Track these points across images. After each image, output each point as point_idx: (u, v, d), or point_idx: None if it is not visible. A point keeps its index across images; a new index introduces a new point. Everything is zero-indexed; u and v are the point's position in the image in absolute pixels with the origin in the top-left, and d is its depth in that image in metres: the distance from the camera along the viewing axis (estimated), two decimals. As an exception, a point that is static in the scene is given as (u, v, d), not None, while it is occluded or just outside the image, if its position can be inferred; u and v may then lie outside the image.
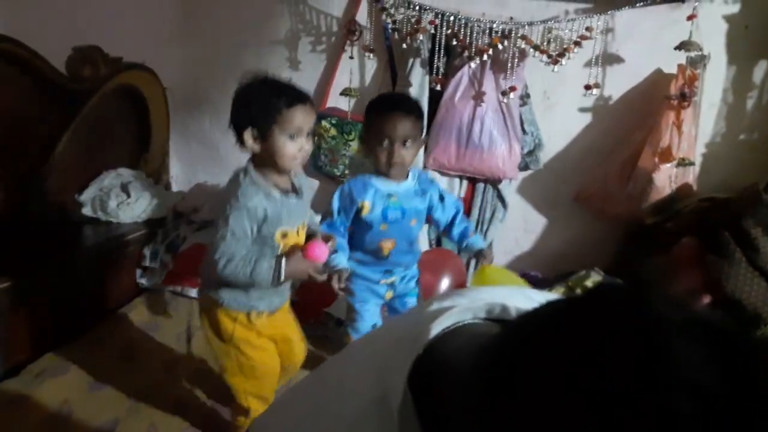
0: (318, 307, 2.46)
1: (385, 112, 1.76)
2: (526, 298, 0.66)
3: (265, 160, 1.56)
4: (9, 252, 2.07)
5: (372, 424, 0.58)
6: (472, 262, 2.86)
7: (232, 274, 1.51)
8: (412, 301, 2.05)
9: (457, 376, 0.54)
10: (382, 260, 1.92)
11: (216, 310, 1.67)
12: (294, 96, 1.53)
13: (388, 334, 0.73)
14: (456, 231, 1.99)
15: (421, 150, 2.67)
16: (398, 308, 2.06)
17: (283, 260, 1.55)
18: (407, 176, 1.88)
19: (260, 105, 1.51)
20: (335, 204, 1.84)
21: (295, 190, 1.65)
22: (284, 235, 1.61)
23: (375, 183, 1.83)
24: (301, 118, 1.52)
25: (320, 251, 1.62)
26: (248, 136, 1.53)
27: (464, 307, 0.64)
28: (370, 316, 1.99)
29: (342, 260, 1.84)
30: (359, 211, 1.81)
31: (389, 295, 2.01)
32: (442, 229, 2.03)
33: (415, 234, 1.95)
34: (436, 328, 0.61)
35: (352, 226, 1.88)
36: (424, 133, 1.94)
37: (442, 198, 1.97)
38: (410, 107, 1.81)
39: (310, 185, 1.74)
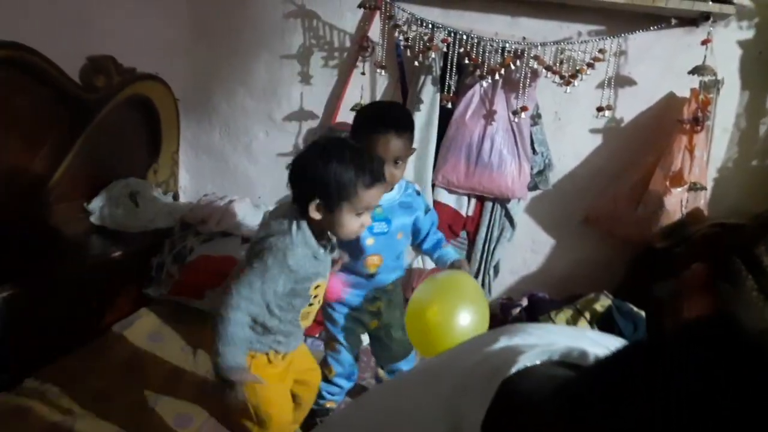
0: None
1: (379, 133, 1.65)
2: (593, 343, 0.63)
3: (322, 226, 1.48)
4: (16, 259, 2.08)
5: None
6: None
7: (235, 324, 1.43)
8: (398, 334, 1.97)
9: (540, 419, 0.51)
10: (370, 280, 1.85)
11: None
12: (374, 176, 1.44)
13: (453, 367, 0.68)
14: (428, 243, 1.90)
15: (430, 166, 2.67)
16: (382, 338, 1.99)
17: (244, 371, 1.48)
18: (391, 188, 1.78)
19: (336, 181, 1.41)
20: None
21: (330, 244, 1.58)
22: (318, 288, 1.57)
23: None
24: (375, 196, 1.46)
25: (338, 288, 1.69)
26: (313, 207, 1.43)
27: (542, 350, 0.60)
28: (352, 345, 1.94)
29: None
30: None
31: (374, 324, 1.95)
32: (416, 242, 1.93)
33: (401, 248, 1.88)
34: (514, 368, 0.58)
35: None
36: (413, 144, 1.82)
37: (427, 210, 1.90)
38: (404, 125, 1.71)
39: None
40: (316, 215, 1.44)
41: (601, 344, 0.62)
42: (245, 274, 1.43)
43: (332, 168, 1.41)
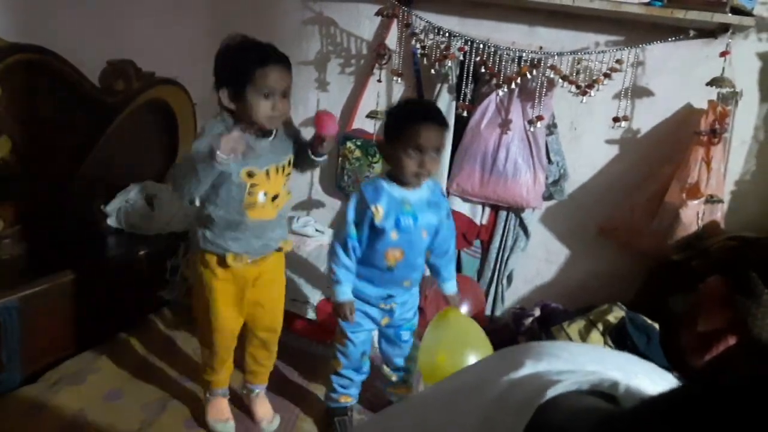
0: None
1: (420, 121, 1.71)
2: (618, 367, 0.60)
3: (242, 119, 1.62)
4: (33, 259, 2.10)
5: None
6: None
7: (181, 175, 1.59)
8: (406, 335, 2.01)
9: None
10: (387, 274, 1.84)
11: (195, 254, 1.78)
12: (267, 55, 1.59)
13: (477, 396, 0.65)
14: (436, 254, 1.96)
15: (445, 174, 2.67)
16: (392, 337, 2.01)
17: (222, 137, 1.56)
18: (420, 185, 1.81)
19: (235, 65, 1.57)
20: (350, 214, 1.79)
21: (268, 135, 1.70)
22: (250, 175, 1.66)
23: (387, 188, 1.77)
24: (275, 77, 1.58)
25: (333, 126, 1.71)
26: (224, 95, 1.60)
27: (575, 380, 0.57)
28: (361, 342, 1.95)
29: (348, 293, 1.82)
30: (372, 218, 1.75)
31: (385, 320, 1.95)
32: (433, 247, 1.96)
33: (424, 247, 1.89)
34: (540, 398, 0.55)
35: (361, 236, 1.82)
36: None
37: (447, 216, 1.93)
38: (442, 118, 1.79)
39: (291, 132, 1.80)
40: (229, 104, 1.61)
41: (627, 370, 0.60)
42: (176, 164, 1.64)
43: (229, 55, 1.61)
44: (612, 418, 0.49)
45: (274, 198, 1.75)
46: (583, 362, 0.61)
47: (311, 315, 2.46)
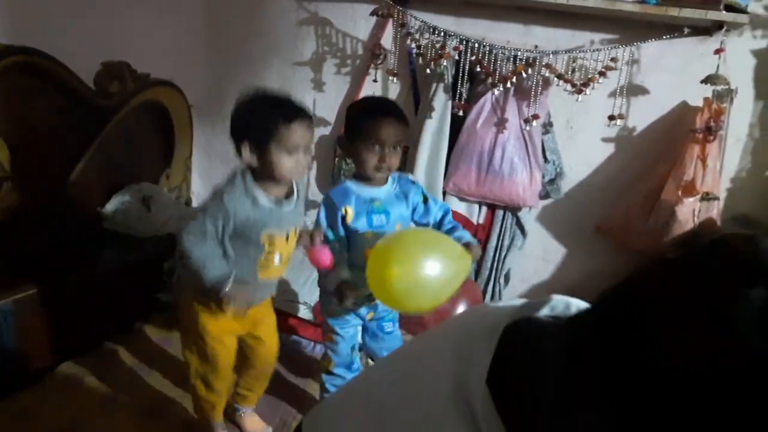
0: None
1: (378, 116, 1.72)
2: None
3: (263, 172, 1.57)
4: (30, 261, 2.10)
5: (450, 414, 0.58)
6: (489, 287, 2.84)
7: (191, 245, 1.54)
8: (389, 326, 2.01)
9: (542, 359, 0.55)
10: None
11: (190, 292, 1.69)
12: (292, 112, 1.53)
13: (456, 328, 0.73)
14: (443, 231, 1.88)
15: (441, 174, 2.67)
16: (375, 330, 2.01)
17: (231, 281, 1.55)
18: (386, 181, 1.82)
19: (258, 121, 1.52)
20: (323, 221, 1.79)
21: (291, 195, 1.66)
22: (271, 239, 1.62)
23: (354, 189, 1.78)
24: (299, 134, 1.53)
25: (325, 256, 1.65)
26: (245, 150, 1.54)
27: (530, 305, 0.65)
28: (350, 337, 1.95)
29: (346, 271, 1.79)
30: (343, 219, 1.76)
31: (370, 315, 1.95)
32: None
33: None
34: (513, 319, 0.62)
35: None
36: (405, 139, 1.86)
37: (425, 200, 1.90)
38: (401, 113, 1.79)
39: (303, 188, 1.75)
40: (251, 159, 1.55)
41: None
42: (193, 219, 1.58)
43: (254, 110, 1.54)
44: (567, 323, 0.57)
45: (287, 259, 1.73)
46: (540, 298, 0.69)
47: (307, 315, 2.46)
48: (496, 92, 2.52)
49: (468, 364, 0.59)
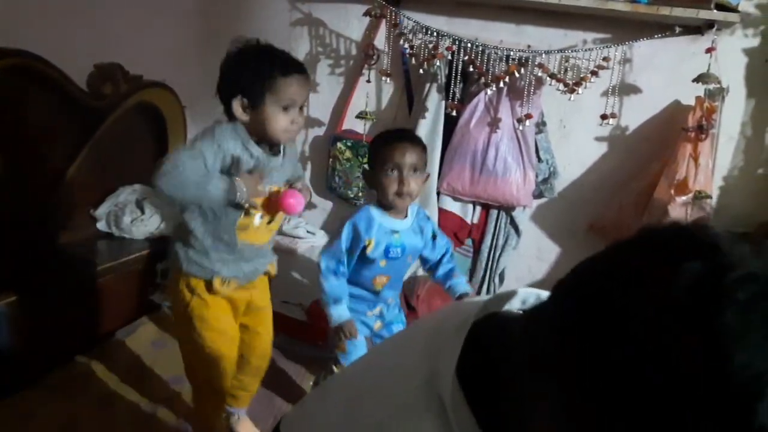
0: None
1: (394, 142, 1.77)
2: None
3: (254, 131, 1.47)
4: (24, 264, 2.09)
5: (420, 405, 0.59)
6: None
7: (175, 182, 1.39)
8: (399, 327, 2.03)
9: (507, 352, 0.57)
10: (373, 295, 1.91)
11: (176, 276, 1.58)
12: (290, 65, 1.45)
13: (428, 323, 0.75)
14: (441, 271, 1.98)
15: (435, 174, 2.68)
16: (386, 336, 2.01)
17: (238, 181, 1.43)
18: (407, 213, 1.86)
19: (253, 72, 1.42)
20: (344, 243, 1.79)
21: (278, 152, 1.56)
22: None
23: (378, 219, 1.81)
24: (296, 88, 1.45)
25: (296, 201, 1.54)
26: (237, 104, 1.44)
27: (498, 297, 0.67)
28: (357, 350, 1.93)
29: (344, 312, 1.80)
30: (364, 248, 1.79)
31: (378, 325, 1.98)
32: (427, 267, 2.03)
33: (407, 270, 1.98)
34: (477, 315, 0.64)
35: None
36: (427, 168, 1.95)
37: (434, 236, 1.97)
38: (417, 139, 1.85)
39: (293, 152, 1.66)
40: (243, 116, 1.44)
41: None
42: (175, 151, 1.44)
43: (249, 62, 1.44)
44: (529, 314, 0.58)
45: (269, 221, 1.63)
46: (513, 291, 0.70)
47: (302, 317, 2.46)
48: (489, 92, 2.52)
49: (437, 358, 0.60)
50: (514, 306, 0.67)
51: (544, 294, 0.66)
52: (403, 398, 0.61)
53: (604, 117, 2.46)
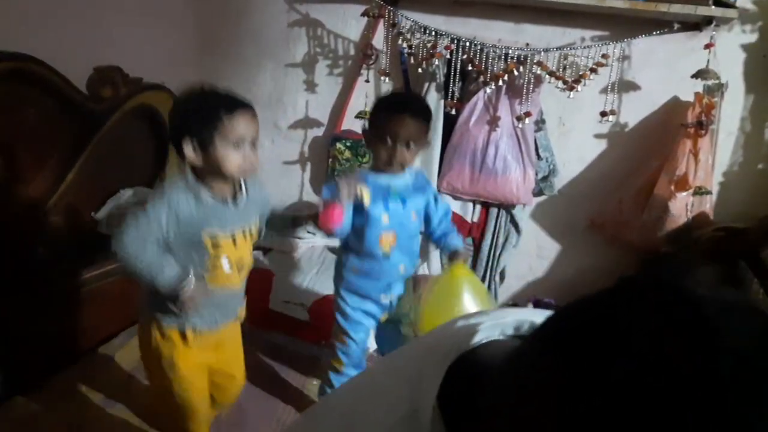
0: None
1: (394, 112, 1.74)
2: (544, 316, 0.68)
3: (208, 173, 1.48)
4: (24, 267, 2.09)
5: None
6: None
7: (131, 249, 1.43)
8: (406, 330, 1.94)
9: (490, 380, 0.55)
10: (384, 263, 1.85)
11: (147, 324, 1.57)
12: (234, 104, 1.47)
13: (415, 351, 0.73)
14: (439, 230, 1.97)
15: (435, 173, 2.68)
16: (391, 333, 1.99)
17: (191, 278, 1.45)
18: (402, 171, 1.84)
19: (199, 114, 1.44)
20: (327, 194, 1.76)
21: (238, 197, 1.56)
22: (215, 241, 1.51)
23: (372, 177, 1.80)
24: (243, 125, 1.46)
25: (337, 215, 1.65)
26: (188, 148, 1.44)
27: (492, 323, 0.65)
28: (362, 340, 1.96)
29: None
30: (362, 204, 1.76)
31: (384, 317, 1.97)
32: (429, 228, 1.99)
33: (415, 230, 1.91)
34: (465, 344, 0.62)
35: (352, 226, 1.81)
36: (430, 136, 1.93)
37: (435, 199, 1.96)
38: (419, 110, 1.79)
39: (258, 188, 1.65)
40: (195, 159, 1.45)
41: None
42: (130, 214, 1.47)
43: (192, 105, 1.46)
44: (515, 349, 0.55)
45: (240, 266, 1.60)
46: (511, 315, 0.68)
47: (303, 316, 2.46)
48: (488, 90, 2.53)
49: (419, 387, 0.60)
50: (507, 332, 0.65)
51: (539, 319, 0.66)
52: (388, 422, 0.61)
53: (603, 114, 2.46)
